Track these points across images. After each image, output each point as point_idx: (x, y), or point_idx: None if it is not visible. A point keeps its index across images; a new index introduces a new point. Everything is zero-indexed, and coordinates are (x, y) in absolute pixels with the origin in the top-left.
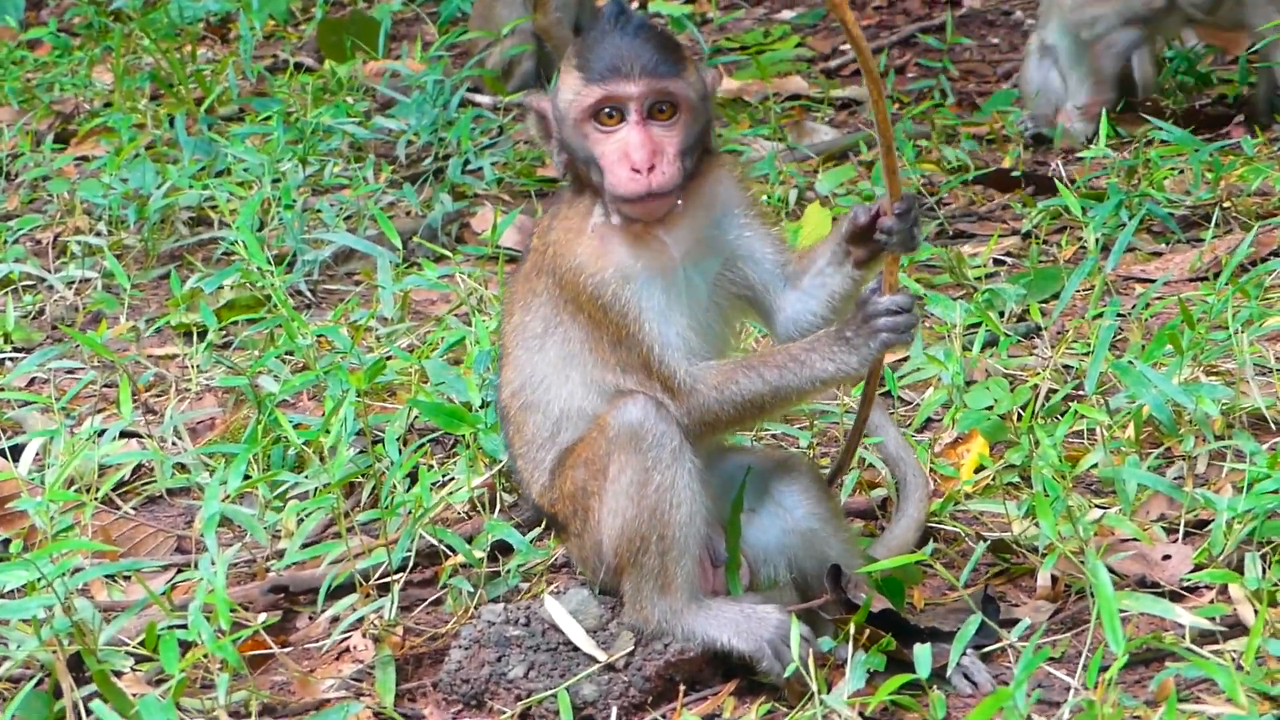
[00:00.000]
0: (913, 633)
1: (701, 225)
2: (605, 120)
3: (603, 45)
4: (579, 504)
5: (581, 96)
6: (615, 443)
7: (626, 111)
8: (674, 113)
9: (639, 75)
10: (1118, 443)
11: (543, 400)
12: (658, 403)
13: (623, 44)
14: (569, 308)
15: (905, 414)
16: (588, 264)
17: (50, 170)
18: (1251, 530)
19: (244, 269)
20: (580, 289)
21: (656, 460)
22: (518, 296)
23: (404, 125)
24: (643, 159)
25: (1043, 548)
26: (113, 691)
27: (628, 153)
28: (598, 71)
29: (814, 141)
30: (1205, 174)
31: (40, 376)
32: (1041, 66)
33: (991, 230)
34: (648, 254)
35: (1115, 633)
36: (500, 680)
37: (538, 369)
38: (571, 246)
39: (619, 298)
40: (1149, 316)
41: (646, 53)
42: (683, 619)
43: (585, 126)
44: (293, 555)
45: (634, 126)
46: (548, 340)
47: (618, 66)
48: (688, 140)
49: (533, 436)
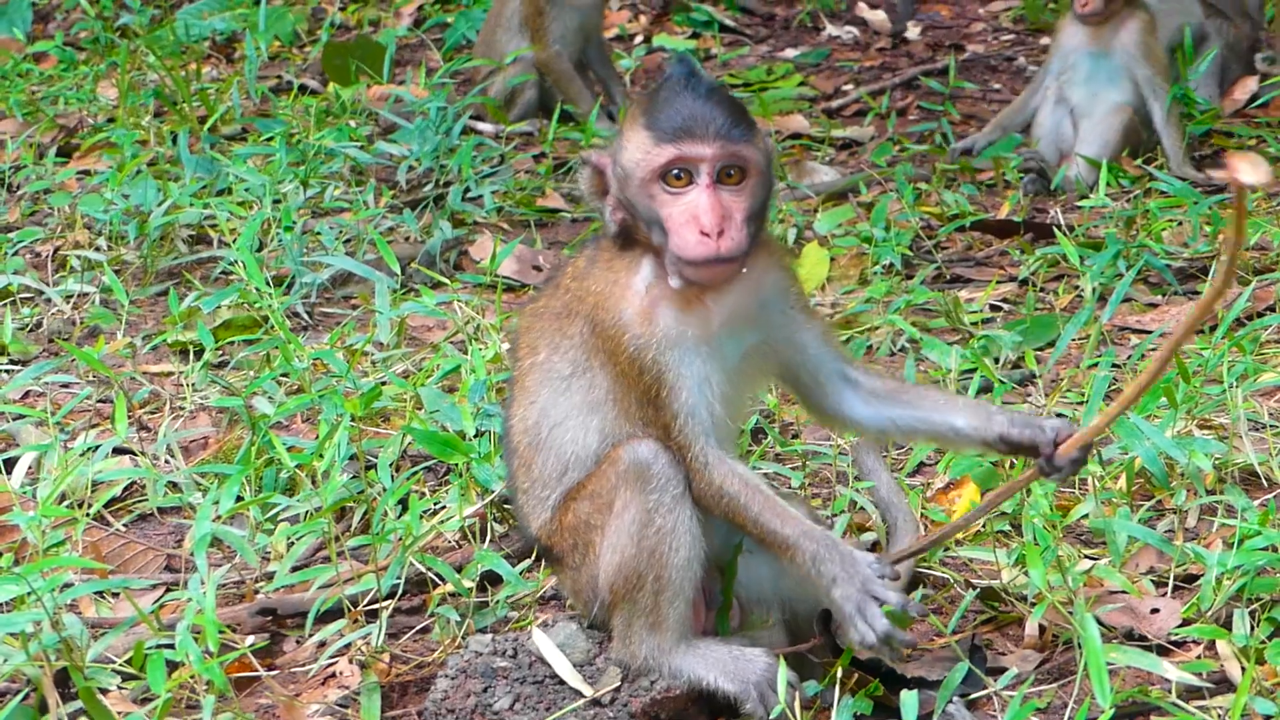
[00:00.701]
0: (899, 679)
1: (749, 298)
2: (674, 182)
3: (674, 105)
4: (580, 537)
5: (651, 156)
6: (624, 478)
7: (697, 174)
8: (743, 178)
9: (712, 137)
10: (1109, 494)
11: (558, 441)
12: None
13: (695, 105)
14: (601, 358)
15: (898, 458)
16: (633, 324)
17: (52, 184)
18: (1241, 586)
19: (242, 289)
20: (620, 345)
21: (659, 503)
22: (545, 335)
23: (406, 151)
24: (712, 223)
25: (1031, 597)
26: (98, 709)
27: (697, 215)
28: (669, 132)
29: (813, 181)
30: (1204, 226)
31: (36, 390)
32: (1055, 113)
33: (989, 276)
34: (694, 321)
35: (1102, 685)
36: (486, 711)
37: (558, 410)
38: (617, 302)
39: (658, 362)
40: (1144, 368)
41: (720, 115)
42: (670, 657)
43: (653, 187)
44: (282, 578)
45: (704, 189)
46: (574, 383)
47: (690, 128)
48: (754, 206)
49: (540, 474)
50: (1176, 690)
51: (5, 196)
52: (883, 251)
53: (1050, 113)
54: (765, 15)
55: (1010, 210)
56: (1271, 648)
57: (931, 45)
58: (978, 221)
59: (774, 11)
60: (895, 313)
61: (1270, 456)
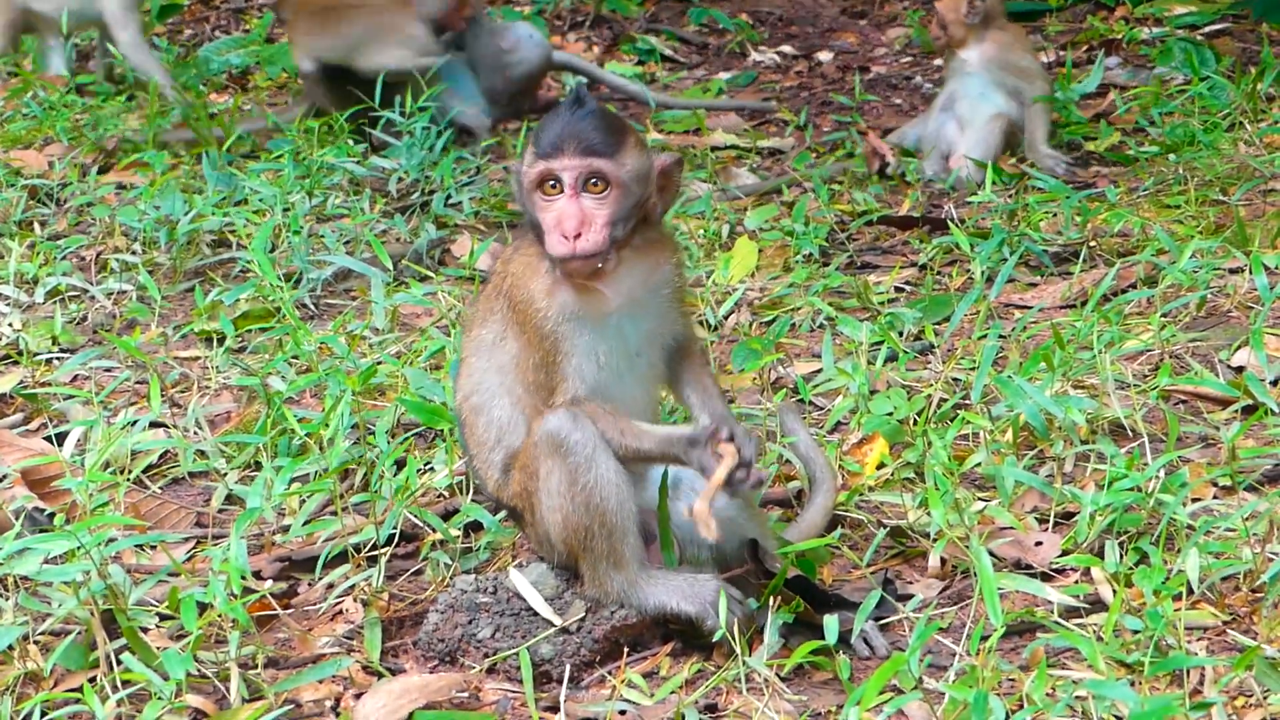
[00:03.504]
0: (822, 598)
1: (640, 286)
2: (549, 190)
3: (553, 124)
4: (525, 501)
5: (530, 169)
6: (542, 449)
7: (564, 184)
8: (606, 187)
9: (574, 153)
10: (998, 445)
11: (488, 406)
12: (574, 414)
13: (569, 125)
14: (514, 328)
15: (817, 418)
16: (538, 297)
17: (94, 198)
18: (1111, 522)
19: (258, 285)
20: (528, 316)
21: (577, 463)
22: (478, 313)
23: (396, 165)
24: (570, 227)
25: (934, 534)
26: (140, 645)
27: (560, 220)
28: (543, 148)
29: (742, 184)
30: (1075, 217)
31: (82, 374)
32: (940, 119)
33: (893, 262)
34: (590, 302)
35: (994, 608)
36: (471, 640)
37: (487, 376)
38: (528, 281)
39: (555, 332)
40: (1026, 338)
41: (585, 134)
42: (638, 589)
43: (535, 195)
44: (295, 531)
45: (567, 198)
46: (495, 351)
47: (559, 144)
48: (619, 212)
49: (483, 437)
50: (1058, 610)
51: (54, 209)
52: (803, 243)
53: (936, 119)
54: (700, 44)
55: (910, 206)
56: (1139, 573)
57: (841, 68)
58: (883, 216)
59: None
60: (814, 295)
61: (1135, 411)
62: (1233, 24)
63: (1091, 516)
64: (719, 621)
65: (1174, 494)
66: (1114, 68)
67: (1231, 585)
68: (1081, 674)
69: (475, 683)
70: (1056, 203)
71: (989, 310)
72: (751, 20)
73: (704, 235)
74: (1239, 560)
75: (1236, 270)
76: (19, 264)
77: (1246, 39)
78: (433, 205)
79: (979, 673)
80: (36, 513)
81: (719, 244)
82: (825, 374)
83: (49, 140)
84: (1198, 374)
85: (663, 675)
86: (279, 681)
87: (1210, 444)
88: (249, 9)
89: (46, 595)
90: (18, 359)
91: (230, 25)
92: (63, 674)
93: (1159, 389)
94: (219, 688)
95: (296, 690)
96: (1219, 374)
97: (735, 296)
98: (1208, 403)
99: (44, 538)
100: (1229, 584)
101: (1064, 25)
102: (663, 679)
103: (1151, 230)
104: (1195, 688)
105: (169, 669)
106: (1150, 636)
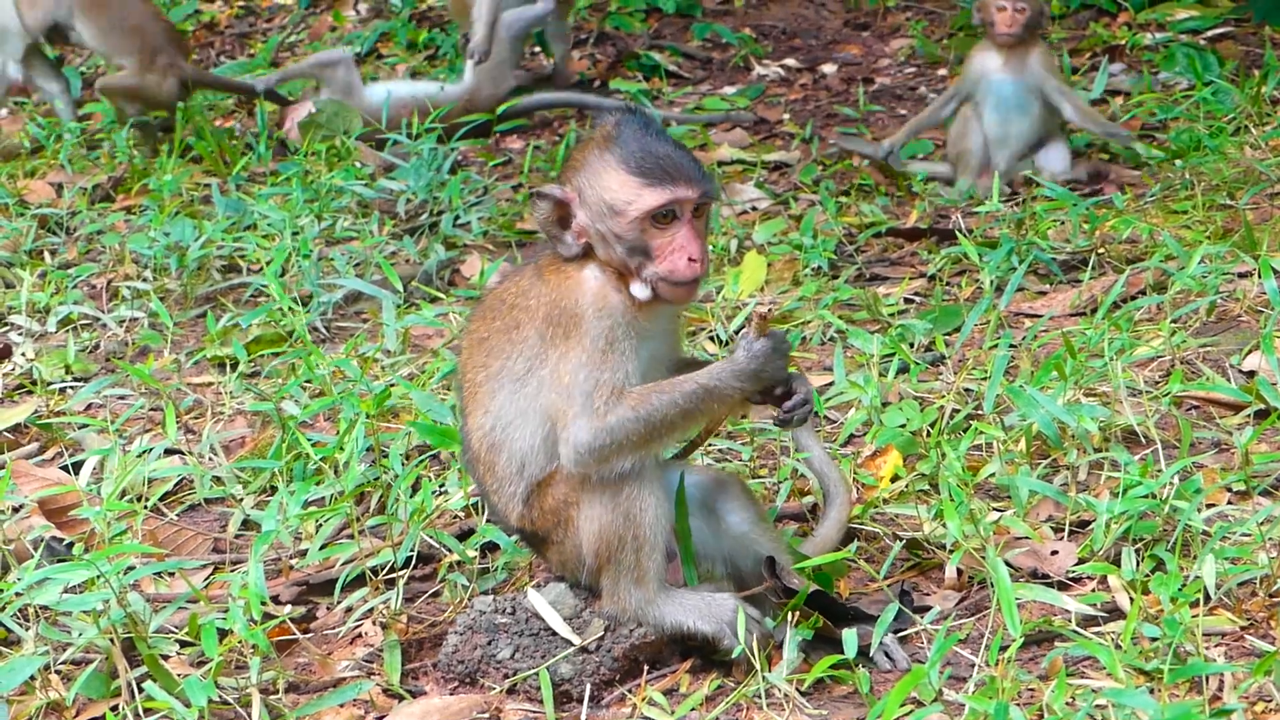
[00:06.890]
0: (841, 613)
1: (668, 311)
2: (662, 219)
3: (653, 152)
4: (561, 515)
5: (643, 199)
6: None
7: (681, 212)
8: (705, 212)
9: (691, 184)
10: (1011, 455)
11: (510, 440)
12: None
13: (672, 153)
14: (558, 343)
15: (831, 431)
16: (591, 303)
17: (104, 225)
18: (1126, 529)
19: (270, 309)
20: (578, 320)
21: (625, 472)
22: (495, 350)
23: (404, 186)
24: (697, 251)
25: (950, 545)
26: (161, 672)
27: (685, 246)
28: (657, 177)
29: (749, 197)
30: (1083, 225)
31: (97, 402)
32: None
33: (902, 274)
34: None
35: (1012, 618)
36: (490, 661)
37: (510, 411)
38: (573, 290)
39: (612, 330)
40: (1037, 347)
41: (692, 162)
42: (655, 606)
43: (644, 223)
44: (313, 555)
45: (688, 224)
46: (527, 381)
47: (674, 175)
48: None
49: (503, 474)
50: (1076, 619)
51: (65, 238)
52: (811, 256)
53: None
54: (704, 59)
55: (918, 218)
56: (1155, 580)
57: (845, 80)
58: (891, 228)
59: (711, 56)
60: (824, 308)
61: (1147, 418)
62: (1235, 28)
63: (1107, 524)
64: (736, 641)
65: (1189, 500)
66: (1118, 74)
67: (1248, 590)
68: (1101, 682)
69: (496, 703)
70: (1063, 211)
71: (999, 320)
72: (755, 34)
73: (713, 250)
74: (1255, 565)
75: (1245, 274)
76: (30, 293)
77: (1249, 42)
78: (441, 226)
79: (999, 683)
80: (55, 542)
81: (728, 259)
82: (837, 387)
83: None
84: (1209, 379)
85: (683, 692)
86: (300, 706)
87: (1224, 449)
88: (253, 34)
89: (66, 625)
90: (32, 389)
91: (235, 50)
92: (85, 703)
93: (1171, 395)
94: (241, 714)
95: (318, 715)
96: (1230, 379)
97: (745, 311)
98: (1220, 408)
99: (63, 567)
100: (1246, 589)
101: (1067, 32)
102: (683, 696)
103: (1160, 236)
104: (1215, 694)
105: (191, 696)
106: (1168, 643)
